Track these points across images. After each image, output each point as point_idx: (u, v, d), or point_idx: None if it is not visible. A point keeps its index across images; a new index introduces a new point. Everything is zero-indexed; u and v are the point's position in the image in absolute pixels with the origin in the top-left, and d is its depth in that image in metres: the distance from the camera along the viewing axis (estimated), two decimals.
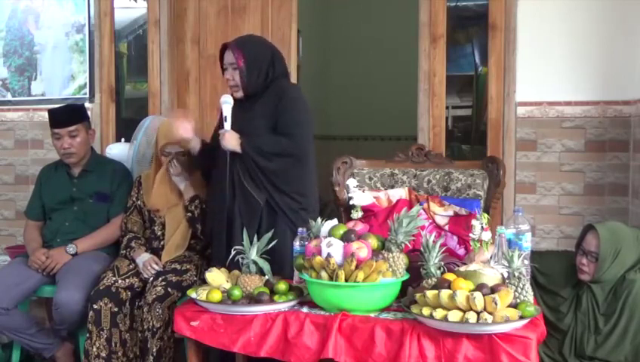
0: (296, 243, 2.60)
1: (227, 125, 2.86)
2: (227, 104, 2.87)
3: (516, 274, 2.27)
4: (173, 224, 3.23)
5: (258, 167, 2.84)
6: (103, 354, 2.97)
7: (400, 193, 3.29)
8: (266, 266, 2.53)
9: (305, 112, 2.93)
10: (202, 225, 3.19)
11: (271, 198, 2.87)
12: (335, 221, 2.57)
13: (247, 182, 2.87)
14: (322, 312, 2.37)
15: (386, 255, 2.37)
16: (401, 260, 2.38)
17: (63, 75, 4.19)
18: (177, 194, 3.23)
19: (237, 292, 2.42)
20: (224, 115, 2.87)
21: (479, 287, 2.19)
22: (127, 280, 3.07)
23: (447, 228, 3.11)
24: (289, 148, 2.84)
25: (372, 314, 2.33)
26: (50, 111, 3.38)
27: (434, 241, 2.41)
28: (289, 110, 2.87)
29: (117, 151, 3.71)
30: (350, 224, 2.61)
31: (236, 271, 2.58)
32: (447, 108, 3.91)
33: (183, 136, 2.97)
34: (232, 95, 2.92)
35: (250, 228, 2.77)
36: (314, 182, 3.02)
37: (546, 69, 3.51)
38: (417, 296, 2.27)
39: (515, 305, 2.18)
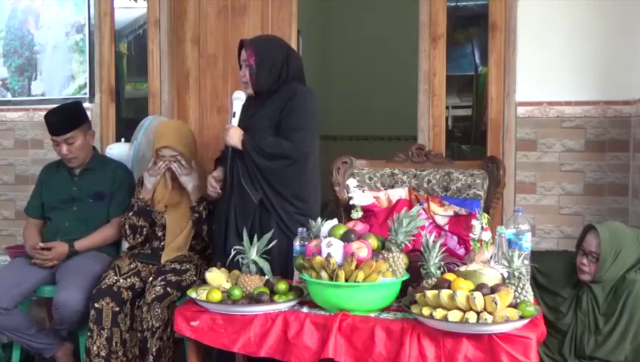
0: (297, 243, 2.60)
1: (234, 121, 2.91)
2: (238, 100, 2.94)
3: (516, 274, 2.27)
4: (174, 226, 3.23)
5: (256, 166, 2.85)
6: (103, 354, 2.97)
7: (400, 193, 3.28)
8: (266, 266, 2.53)
9: (311, 118, 2.93)
10: (208, 226, 3.19)
11: (266, 198, 2.87)
12: (335, 221, 2.57)
13: (244, 180, 2.88)
14: (322, 312, 2.37)
15: (386, 255, 2.37)
16: (401, 260, 2.38)
17: (63, 75, 4.19)
18: (178, 194, 3.24)
19: (237, 292, 2.43)
20: (233, 110, 2.92)
21: (479, 287, 2.19)
22: (129, 280, 3.07)
23: (447, 228, 3.10)
24: (289, 151, 2.83)
25: (372, 314, 2.33)
26: (45, 119, 3.31)
27: (434, 241, 2.41)
28: (294, 113, 2.88)
29: (117, 151, 3.70)
30: (350, 224, 2.61)
31: (236, 271, 2.59)
32: (447, 108, 3.91)
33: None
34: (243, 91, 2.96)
35: (244, 225, 2.80)
36: (316, 188, 3.01)
37: (546, 69, 3.50)
38: (417, 296, 2.28)
39: (515, 305, 2.19)
